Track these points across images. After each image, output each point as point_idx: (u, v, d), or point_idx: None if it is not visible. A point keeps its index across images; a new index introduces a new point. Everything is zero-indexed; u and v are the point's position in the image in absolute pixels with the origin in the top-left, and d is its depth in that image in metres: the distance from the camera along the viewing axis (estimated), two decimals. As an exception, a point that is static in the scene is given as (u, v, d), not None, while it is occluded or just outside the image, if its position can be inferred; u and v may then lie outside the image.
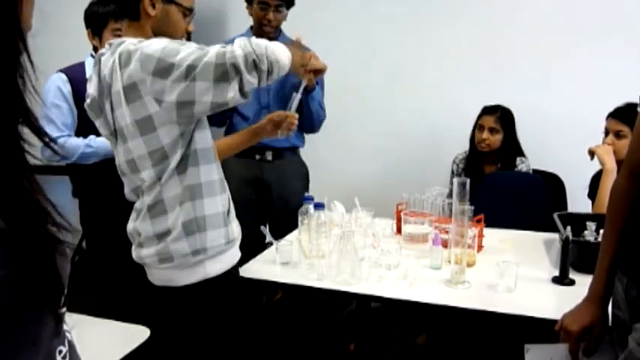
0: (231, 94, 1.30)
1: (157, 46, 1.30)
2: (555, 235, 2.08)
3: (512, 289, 1.68)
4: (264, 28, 2.47)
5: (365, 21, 3.22)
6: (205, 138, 1.44)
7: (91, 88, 1.42)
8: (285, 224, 2.38)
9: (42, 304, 0.57)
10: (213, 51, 1.29)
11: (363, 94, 3.27)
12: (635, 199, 1.22)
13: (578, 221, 1.95)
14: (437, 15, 3.09)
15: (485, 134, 2.65)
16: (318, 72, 1.61)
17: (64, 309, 0.61)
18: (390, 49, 3.20)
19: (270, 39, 1.43)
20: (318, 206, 2.02)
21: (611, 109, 2.26)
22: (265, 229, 2.09)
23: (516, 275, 1.69)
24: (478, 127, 2.71)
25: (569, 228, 1.75)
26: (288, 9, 2.51)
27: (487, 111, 2.70)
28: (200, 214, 1.40)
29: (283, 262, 1.96)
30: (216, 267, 1.45)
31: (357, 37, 3.25)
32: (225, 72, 1.27)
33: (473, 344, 2.43)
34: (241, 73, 1.29)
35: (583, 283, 1.56)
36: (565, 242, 1.73)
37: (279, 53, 1.36)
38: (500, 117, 2.65)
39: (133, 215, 1.49)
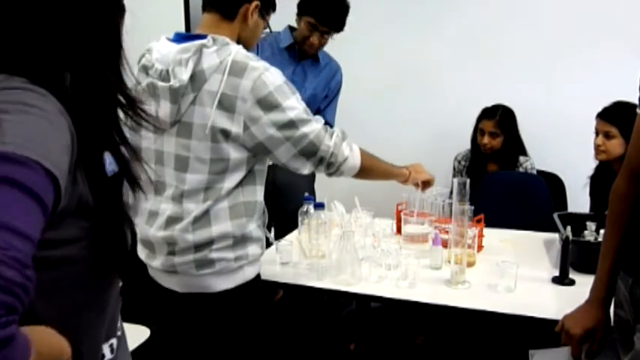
0: (304, 171, 1.45)
1: (275, 79, 1.35)
2: (555, 235, 2.08)
3: (512, 289, 1.68)
4: (304, 47, 2.45)
5: (364, 23, 3.21)
6: (265, 161, 1.47)
7: (185, 74, 1.32)
8: (293, 224, 2.37)
9: (113, 272, 0.69)
10: (315, 126, 1.41)
11: (363, 94, 3.26)
12: (636, 201, 1.22)
13: (578, 221, 1.95)
14: (437, 15, 3.09)
15: (486, 139, 2.65)
16: (426, 183, 1.92)
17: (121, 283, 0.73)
18: (390, 49, 3.19)
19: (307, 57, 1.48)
20: (318, 206, 2.02)
21: (611, 108, 2.26)
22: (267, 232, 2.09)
23: (516, 275, 1.68)
24: (479, 130, 2.70)
25: (569, 228, 1.75)
26: (338, 32, 2.45)
27: (486, 114, 2.68)
28: (248, 230, 1.42)
29: (283, 262, 1.95)
30: (252, 271, 1.47)
31: (357, 38, 3.23)
32: (312, 152, 1.42)
33: (473, 344, 2.43)
34: (322, 165, 1.47)
35: (583, 283, 1.56)
36: (565, 242, 1.72)
37: (351, 166, 1.56)
38: (499, 120, 2.64)
39: (164, 224, 1.40)
